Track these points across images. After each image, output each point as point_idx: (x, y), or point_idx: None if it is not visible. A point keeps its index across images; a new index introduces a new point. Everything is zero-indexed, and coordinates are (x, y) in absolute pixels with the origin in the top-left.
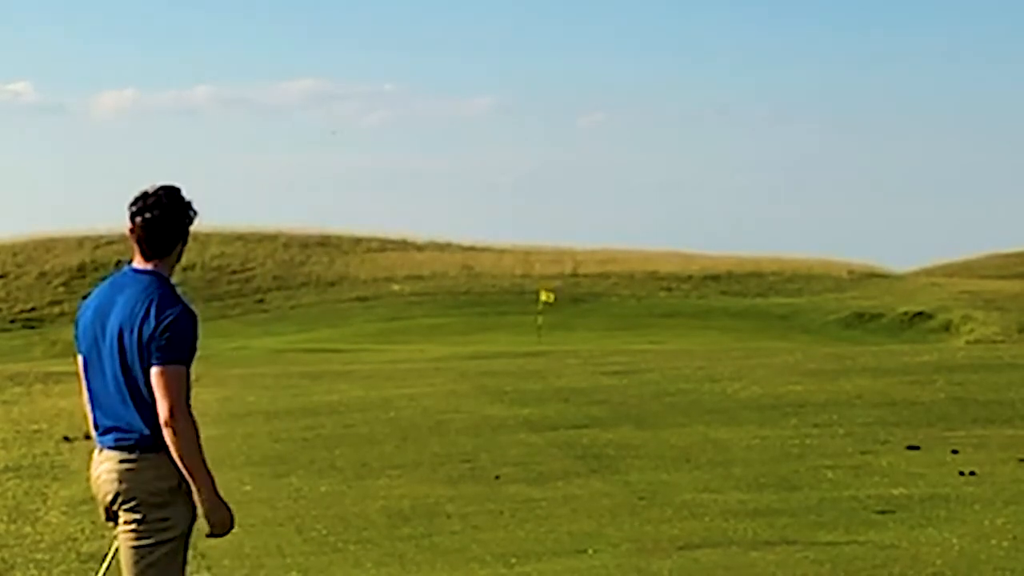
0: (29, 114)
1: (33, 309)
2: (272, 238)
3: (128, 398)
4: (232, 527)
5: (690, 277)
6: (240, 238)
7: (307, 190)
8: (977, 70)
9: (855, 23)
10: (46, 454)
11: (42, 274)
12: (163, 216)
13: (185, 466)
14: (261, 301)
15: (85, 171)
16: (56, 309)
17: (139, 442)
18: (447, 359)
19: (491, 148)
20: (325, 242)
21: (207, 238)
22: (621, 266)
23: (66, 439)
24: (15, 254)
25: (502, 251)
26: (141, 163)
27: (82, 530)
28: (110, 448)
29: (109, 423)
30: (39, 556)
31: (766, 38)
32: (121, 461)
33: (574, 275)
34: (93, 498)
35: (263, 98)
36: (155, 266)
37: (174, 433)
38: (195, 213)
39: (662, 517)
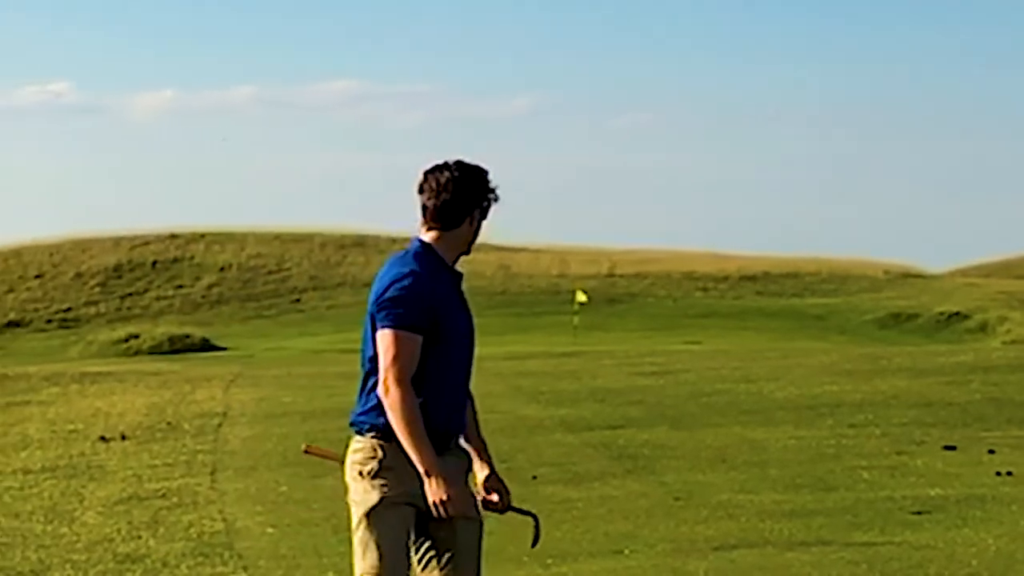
0: (68, 114)
1: (69, 309)
2: (308, 238)
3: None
4: (466, 510)
5: (726, 278)
6: (276, 238)
7: (343, 190)
8: (1015, 68)
9: (892, 23)
10: (83, 454)
11: (78, 274)
12: (445, 187)
13: (401, 438)
14: (297, 301)
15: (123, 171)
16: (92, 310)
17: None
18: (483, 359)
19: (528, 149)
20: (361, 242)
21: (243, 238)
22: (657, 266)
23: (103, 439)
24: (51, 254)
25: (538, 251)
26: (179, 163)
27: (118, 531)
28: None
29: None
30: (76, 556)
31: (804, 38)
32: None
33: (610, 275)
34: (131, 498)
35: (300, 99)
36: (430, 236)
37: (387, 405)
38: (489, 191)
39: (698, 518)
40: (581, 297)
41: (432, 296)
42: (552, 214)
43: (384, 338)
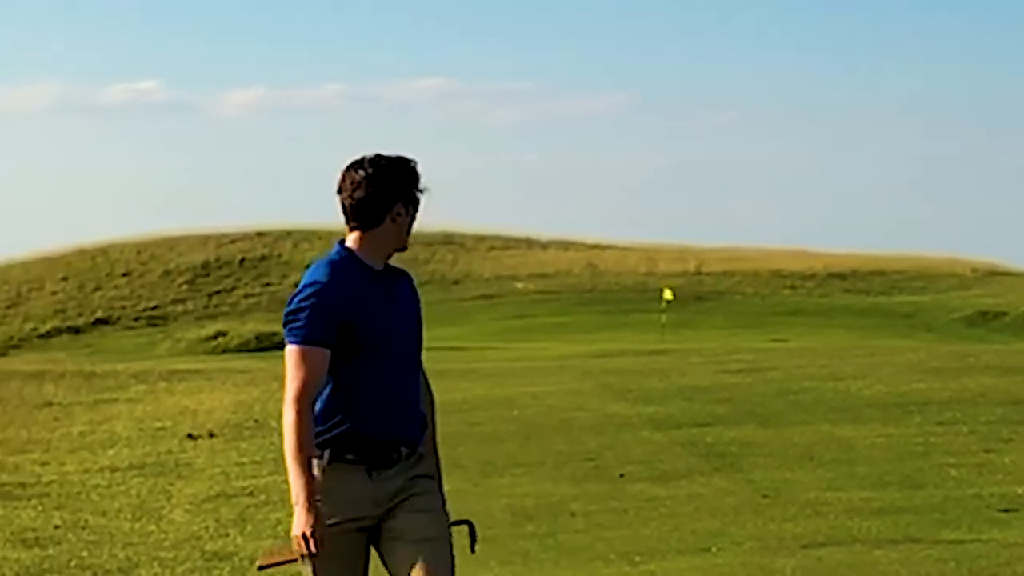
0: (157, 112)
1: (157, 307)
2: None
3: None
4: (304, 547)
5: (814, 275)
6: None
7: (430, 187)
8: None
9: (992, 20)
10: (170, 452)
11: (166, 272)
12: (360, 185)
13: (286, 458)
14: None
15: (211, 169)
16: (180, 307)
17: None
18: (571, 357)
19: (617, 146)
20: (449, 240)
21: (330, 236)
22: (745, 264)
23: (190, 437)
24: (139, 252)
25: (626, 249)
26: (268, 161)
27: (206, 528)
28: None
29: None
30: (163, 554)
31: (894, 36)
32: None
33: (698, 273)
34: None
35: (390, 96)
36: (352, 238)
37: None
38: (411, 184)
39: (786, 515)
40: (668, 295)
41: (342, 305)
42: (640, 211)
43: (287, 355)
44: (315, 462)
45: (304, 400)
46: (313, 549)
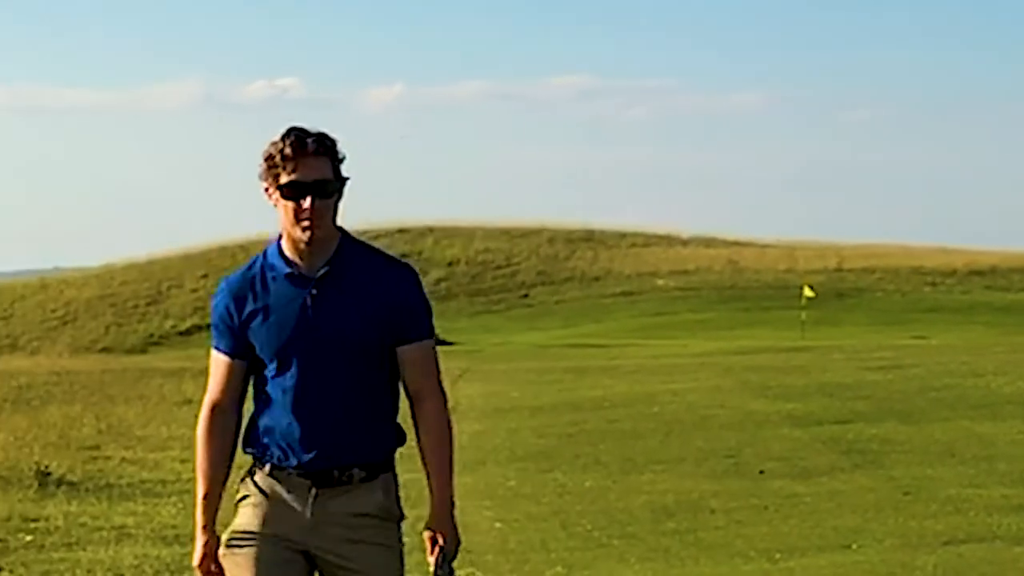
0: (297, 109)
1: None
2: (536, 233)
3: None
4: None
5: (954, 272)
6: (505, 233)
7: (571, 185)
8: None
9: None
10: None
11: None
12: None
13: None
14: (525, 296)
15: (351, 166)
16: None
17: None
18: (711, 354)
19: (756, 143)
20: (589, 237)
21: (472, 233)
22: (885, 261)
23: None
24: None
25: (766, 246)
26: (407, 158)
27: None
28: None
29: None
30: None
31: None
32: None
33: (838, 270)
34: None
35: (530, 94)
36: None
37: None
38: (269, 164)
39: (926, 512)
40: (808, 292)
41: (239, 311)
42: (780, 208)
43: None
44: (255, 466)
45: (207, 408)
46: None
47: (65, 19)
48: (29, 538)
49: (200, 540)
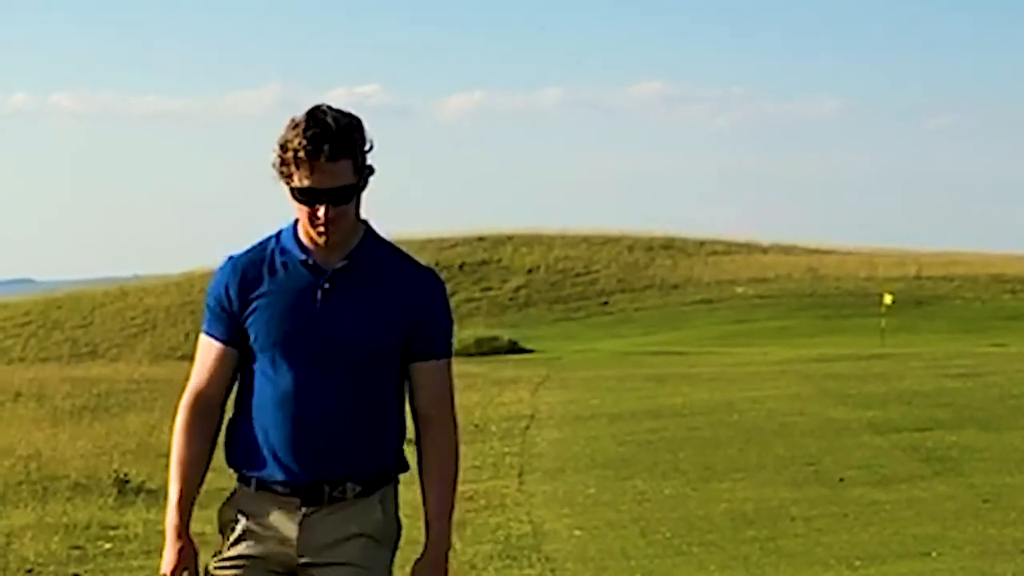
0: (377, 116)
1: None
2: (616, 240)
3: None
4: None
5: None
6: (585, 240)
7: (651, 192)
8: None
9: None
10: None
11: None
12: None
13: None
14: (605, 303)
15: (431, 173)
16: None
17: None
18: (791, 362)
19: (837, 150)
20: (669, 245)
21: (551, 240)
22: (964, 268)
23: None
24: None
25: (846, 253)
26: (487, 165)
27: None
28: None
29: None
30: None
31: None
32: None
33: (918, 278)
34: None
35: (610, 101)
36: None
37: None
38: (282, 150)
39: (1006, 520)
40: (888, 300)
41: (241, 294)
42: (858, 215)
43: None
44: (240, 484)
45: (189, 399)
46: None
47: (146, 27)
48: (108, 546)
49: (173, 547)
